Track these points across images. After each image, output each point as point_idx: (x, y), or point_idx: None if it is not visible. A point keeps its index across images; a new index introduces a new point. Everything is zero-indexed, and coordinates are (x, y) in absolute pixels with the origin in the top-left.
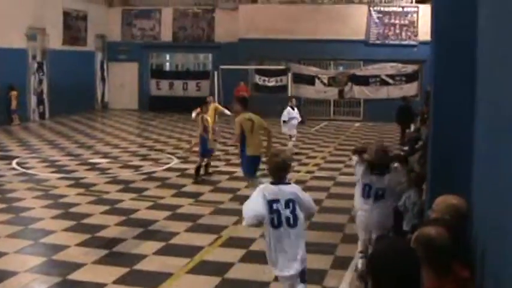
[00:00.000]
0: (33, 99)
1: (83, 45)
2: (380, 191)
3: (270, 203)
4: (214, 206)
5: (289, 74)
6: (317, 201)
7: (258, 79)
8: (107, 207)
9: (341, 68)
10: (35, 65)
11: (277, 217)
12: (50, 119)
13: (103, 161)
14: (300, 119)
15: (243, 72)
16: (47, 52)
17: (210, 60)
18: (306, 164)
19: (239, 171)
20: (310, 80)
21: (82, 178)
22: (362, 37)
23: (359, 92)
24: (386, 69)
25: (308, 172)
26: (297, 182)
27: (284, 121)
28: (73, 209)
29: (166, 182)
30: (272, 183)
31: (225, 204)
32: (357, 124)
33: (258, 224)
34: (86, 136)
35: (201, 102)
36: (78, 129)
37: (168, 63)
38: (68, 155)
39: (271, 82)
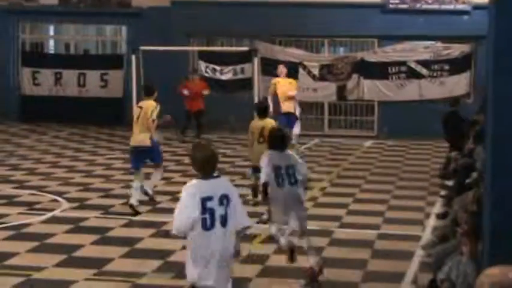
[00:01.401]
0: None
1: None
2: (290, 169)
3: (203, 201)
4: (131, 282)
5: (256, 60)
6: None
7: (205, 68)
8: None
9: (342, 51)
10: None
11: (210, 217)
12: None
13: None
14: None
15: (180, 58)
16: None
17: (124, 37)
18: None
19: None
20: (290, 71)
21: None
22: None
23: (371, 89)
24: (417, 51)
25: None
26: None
27: None
28: None
29: (48, 242)
30: (202, 178)
31: (146, 278)
32: (369, 143)
33: (190, 228)
34: None
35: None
36: None
37: (52, 42)
38: None
39: (226, 73)
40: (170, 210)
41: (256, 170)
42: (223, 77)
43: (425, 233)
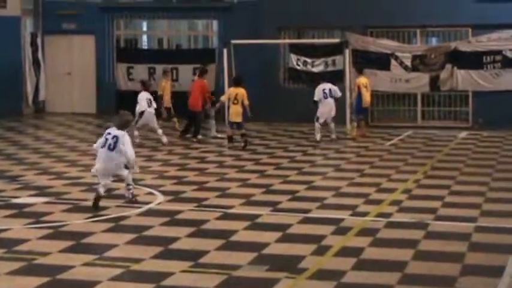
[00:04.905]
0: None
1: (0, 6)
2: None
3: (107, 134)
4: (227, 274)
5: (347, 52)
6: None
7: (296, 61)
8: None
9: (434, 41)
10: None
11: (104, 142)
12: None
13: (36, 201)
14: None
15: (271, 51)
16: None
17: (215, 31)
18: (377, 202)
19: (261, 219)
20: (382, 62)
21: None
22: None
23: (465, 79)
24: None
25: (379, 215)
26: (365, 231)
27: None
28: None
29: (145, 235)
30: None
31: (241, 270)
32: (463, 134)
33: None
34: (5, 158)
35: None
36: None
37: (145, 37)
38: None
39: (318, 66)
40: (264, 203)
41: (232, 124)
42: (315, 70)
43: None
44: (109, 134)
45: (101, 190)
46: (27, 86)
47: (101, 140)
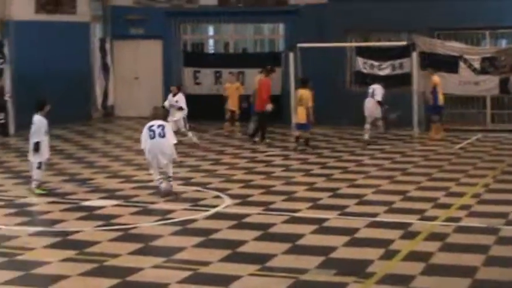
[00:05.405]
0: None
1: (70, 12)
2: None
3: (150, 127)
4: (294, 278)
5: (414, 55)
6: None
7: (363, 64)
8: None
9: (504, 43)
10: None
11: (152, 133)
12: (16, 135)
13: (106, 204)
14: None
15: (338, 54)
16: (10, 25)
17: (281, 35)
18: (446, 206)
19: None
20: (450, 64)
21: (71, 233)
22: None
23: None
24: None
25: (449, 220)
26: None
27: None
28: None
29: (212, 238)
30: (150, 120)
31: (309, 274)
32: None
33: (144, 141)
34: (76, 162)
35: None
36: (64, 150)
37: (211, 41)
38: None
39: (385, 69)
40: (331, 207)
41: (299, 125)
42: (381, 73)
43: None
44: (152, 126)
45: (164, 185)
46: (96, 91)
47: (146, 135)
